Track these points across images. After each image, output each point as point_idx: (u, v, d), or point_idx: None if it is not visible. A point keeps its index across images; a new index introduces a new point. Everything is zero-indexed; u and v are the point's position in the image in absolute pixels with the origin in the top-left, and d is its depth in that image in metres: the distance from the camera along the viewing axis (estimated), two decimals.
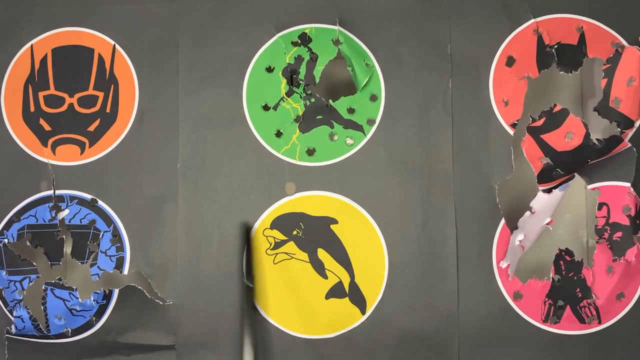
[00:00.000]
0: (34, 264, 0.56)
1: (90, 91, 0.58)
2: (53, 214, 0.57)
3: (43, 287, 0.56)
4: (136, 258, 0.57)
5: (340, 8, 0.58)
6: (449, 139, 0.57)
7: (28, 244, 0.56)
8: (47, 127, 0.58)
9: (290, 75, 0.58)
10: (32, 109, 0.58)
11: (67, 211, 0.57)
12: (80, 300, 0.56)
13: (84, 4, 0.58)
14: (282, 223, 0.57)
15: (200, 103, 0.57)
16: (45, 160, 0.57)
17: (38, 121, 0.58)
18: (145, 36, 0.57)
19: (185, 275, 0.56)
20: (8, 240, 0.57)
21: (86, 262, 0.56)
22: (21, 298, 0.56)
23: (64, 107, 0.58)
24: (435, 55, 0.58)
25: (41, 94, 0.58)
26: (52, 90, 0.58)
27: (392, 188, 0.57)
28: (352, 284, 0.57)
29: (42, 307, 0.56)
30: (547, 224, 0.57)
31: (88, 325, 0.56)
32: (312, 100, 0.57)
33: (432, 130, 0.57)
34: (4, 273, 0.56)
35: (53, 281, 0.56)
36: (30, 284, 0.56)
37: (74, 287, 0.56)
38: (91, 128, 0.58)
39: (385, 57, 0.58)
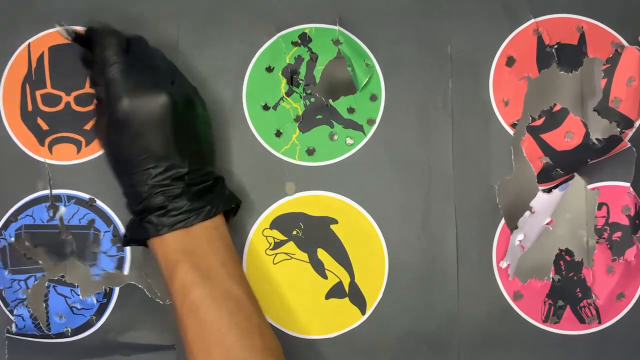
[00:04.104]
0: (40, 262, 0.56)
1: (87, 89, 0.57)
2: (51, 214, 0.57)
3: (46, 284, 0.56)
4: (136, 258, 0.57)
5: (340, 8, 0.58)
6: (449, 139, 0.57)
7: (27, 244, 0.56)
8: (45, 126, 0.57)
9: (291, 75, 0.57)
10: (30, 108, 0.57)
11: (63, 209, 0.57)
12: (81, 297, 0.56)
13: (82, 4, 0.58)
14: (282, 223, 0.57)
15: None
16: (42, 159, 0.57)
17: (35, 120, 0.57)
18: (145, 36, 0.57)
19: None
20: (6, 240, 0.56)
21: (87, 263, 0.56)
22: (24, 297, 0.56)
23: (61, 106, 0.57)
24: (435, 55, 0.58)
25: (38, 93, 0.58)
26: (48, 89, 0.58)
27: (392, 188, 0.57)
28: (352, 284, 0.57)
29: (44, 305, 0.56)
30: (547, 223, 0.57)
31: (88, 325, 0.56)
32: (312, 100, 0.57)
33: (432, 130, 0.57)
34: (7, 272, 0.56)
35: (56, 278, 0.56)
36: (36, 282, 0.56)
37: (76, 284, 0.56)
38: (87, 126, 0.57)
39: (385, 57, 0.58)
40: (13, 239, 0.56)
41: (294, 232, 0.57)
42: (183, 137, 0.49)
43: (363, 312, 0.57)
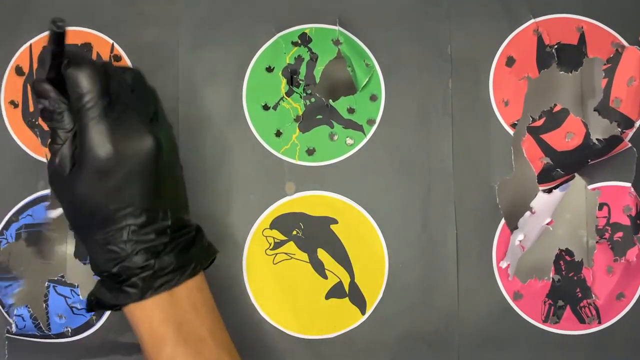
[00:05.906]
0: (21, 268, 0.56)
1: None
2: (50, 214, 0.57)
3: (45, 285, 0.56)
4: None
5: (340, 8, 0.58)
6: (449, 139, 0.57)
7: (24, 243, 0.56)
8: (46, 127, 0.57)
9: (291, 75, 0.57)
10: (31, 108, 0.58)
11: (60, 210, 0.57)
12: (81, 297, 0.56)
13: (82, 4, 0.58)
14: (282, 223, 0.57)
15: (200, 103, 0.57)
16: (43, 159, 0.57)
17: (37, 121, 0.58)
18: (145, 36, 0.57)
19: None
20: (7, 240, 0.56)
21: (87, 263, 0.56)
22: (13, 302, 0.56)
23: None
24: (435, 55, 0.58)
25: None
26: None
27: (392, 188, 0.57)
28: (352, 284, 0.57)
29: (44, 305, 0.56)
30: (547, 224, 0.57)
31: (88, 325, 0.56)
32: (312, 100, 0.57)
33: (432, 130, 0.57)
34: None
35: (56, 278, 0.56)
36: (17, 290, 0.56)
37: (76, 284, 0.56)
38: None
39: (385, 57, 0.58)
40: (6, 239, 0.56)
41: (294, 232, 0.57)
42: (166, 184, 0.44)
43: (363, 312, 0.57)
